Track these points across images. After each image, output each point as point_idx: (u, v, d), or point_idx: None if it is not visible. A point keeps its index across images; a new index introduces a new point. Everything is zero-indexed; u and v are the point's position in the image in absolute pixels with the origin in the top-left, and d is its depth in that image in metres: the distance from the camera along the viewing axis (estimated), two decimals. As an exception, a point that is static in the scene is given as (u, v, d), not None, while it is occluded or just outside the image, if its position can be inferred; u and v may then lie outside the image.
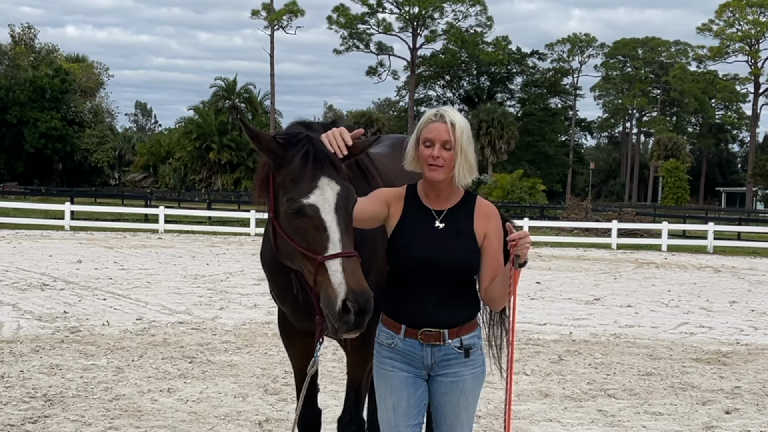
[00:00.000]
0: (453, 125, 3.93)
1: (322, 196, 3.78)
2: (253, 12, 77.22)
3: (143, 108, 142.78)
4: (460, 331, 4.03)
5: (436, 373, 4.05)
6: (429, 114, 4.03)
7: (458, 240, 4.00)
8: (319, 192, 3.79)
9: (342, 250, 3.70)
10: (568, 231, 39.53)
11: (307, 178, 3.81)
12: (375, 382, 4.19)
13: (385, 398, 4.11)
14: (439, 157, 3.92)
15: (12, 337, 11.13)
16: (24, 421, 7.35)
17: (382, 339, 4.10)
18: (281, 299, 4.80)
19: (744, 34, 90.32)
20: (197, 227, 35.99)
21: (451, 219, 4.04)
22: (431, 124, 3.97)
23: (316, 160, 3.83)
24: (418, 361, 4.03)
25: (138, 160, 79.50)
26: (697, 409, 8.54)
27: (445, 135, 3.92)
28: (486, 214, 4.10)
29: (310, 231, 3.77)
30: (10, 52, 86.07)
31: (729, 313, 16.01)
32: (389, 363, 4.08)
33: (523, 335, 12.50)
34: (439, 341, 3.99)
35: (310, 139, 3.91)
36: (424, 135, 3.97)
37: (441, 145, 3.92)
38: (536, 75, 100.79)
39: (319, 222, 3.75)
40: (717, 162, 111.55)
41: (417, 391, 4.08)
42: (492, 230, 4.09)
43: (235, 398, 8.40)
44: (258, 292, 15.97)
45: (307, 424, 5.22)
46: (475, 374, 4.12)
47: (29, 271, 18.60)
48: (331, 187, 3.81)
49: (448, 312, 3.99)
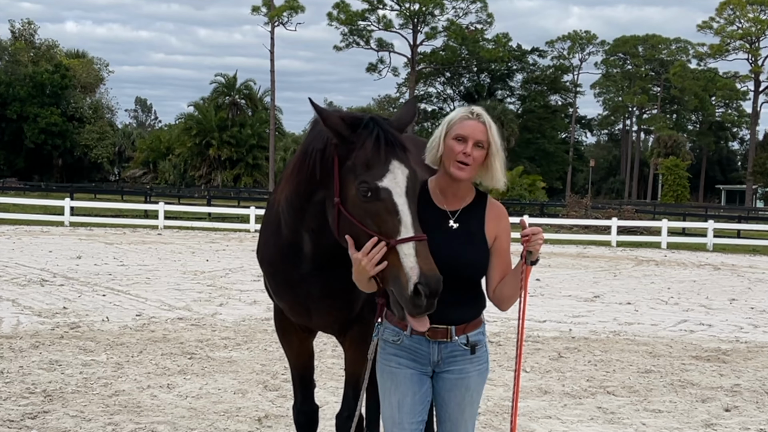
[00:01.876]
0: (490, 127, 3.91)
1: (394, 179, 3.76)
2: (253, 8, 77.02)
3: (143, 104, 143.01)
4: (466, 328, 4.02)
5: (442, 369, 4.04)
6: (463, 110, 3.97)
7: (472, 243, 3.98)
8: (392, 176, 3.77)
9: (414, 233, 3.68)
10: (568, 228, 39.56)
11: (381, 161, 3.78)
12: (379, 379, 4.16)
13: (390, 395, 4.08)
14: (470, 155, 3.87)
15: (11, 332, 11.12)
16: (23, 416, 7.35)
17: (388, 336, 4.07)
18: (278, 295, 4.78)
19: (744, 31, 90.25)
20: (197, 223, 36.02)
21: (465, 219, 4.01)
22: (467, 121, 3.92)
23: (387, 144, 3.80)
24: (424, 358, 4.02)
25: (138, 156, 79.62)
26: (696, 407, 8.54)
27: (481, 134, 3.89)
28: (497, 215, 4.09)
29: (382, 214, 3.74)
30: (10, 48, 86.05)
31: (728, 311, 16.01)
32: (395, 360, 4.05)
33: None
34: (446, 338, 3.98)
35: (378, 122, 3.87)
36: (458, 130, 3.91)
37: (474, 143, 3.88)
38: (536, 72, 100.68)
39: (392, 206, 3.73)
40: (717, 160, 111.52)
41: (422, 388, 4.06)
42: (502, 231, 4.08)
43: (235, 394, 8.40)
44: (257, 289, 15.96)
45: (305, 420, 5.22)
46: (480, 371, 4.11)
47: (29, 267, 18.60)
48: (401, 171, 3.79)
49: (456, 310, 3.97)
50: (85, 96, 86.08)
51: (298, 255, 4.43)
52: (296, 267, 4.46)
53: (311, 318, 4.65)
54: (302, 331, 4.99)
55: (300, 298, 4.58)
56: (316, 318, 4.63)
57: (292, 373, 5.25)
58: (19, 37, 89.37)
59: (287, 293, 4.66)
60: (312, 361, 5.30)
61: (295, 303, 4.64)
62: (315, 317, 4.63)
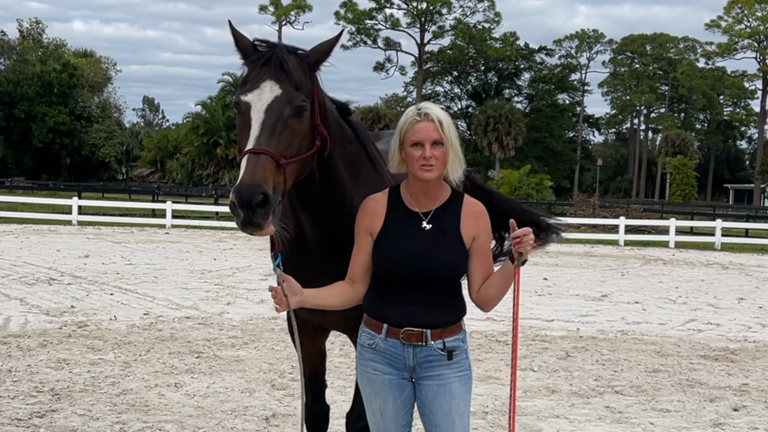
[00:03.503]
0: (441, 122, 3.81)
1: (259, 95, 3.72)
2: (261, 7, 77.28)
3: (151, 103, 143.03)
4: (443, 333, 3.90)
5: (420, 376, 3.93)
6: (411, 114, 3.87)
7: (445, 242, 3.88)
8: (258, 92, 3.73)
9: (253, 146, 3.60)
10: (576, 227, 39.49)
11: (254, 78, 3.78)
12: (360, 384, 4.10)
13: (371, 401, 4.03)
14: (432, 157, 3.79)
15: (19, 331, 11.15)
16: (31, 415, 7.36)
17: (364, 340, 4.00)
18: None
19: (753, 30, 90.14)
20: (204, 222, 36.03)
21: (438, 219, 3.92)
22: (417, 125, 3.82)
23: (266, 63, 3.78)
24: (400, 362, 3.92)
25: (145, 155, 79.68)
26: (704, 406, 8.52)
27: (435, 134, 3.80)
28: (475, 213, 3.97)
29: (242, 128, 3.74)
30: (18, 47, 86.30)
31: (737, 310, 15.97)
32: (371, 365, 3.97)
33: (530, 331, 12.48)
34: (421, 341, 3.87)
35: (275, 45, 3.87)
36: (411, 137, 3.82)
37: (431, 144, 3.79)
38: (544, 71, 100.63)
39: (248, 119, 3.71)
40: (725, 159, 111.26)
41: (403, 393, 3.98)
42: (482, 230, 3.96)
43: (242, 393, 8.40)
44: (265, 287, 15.94)
45: (315, 420, 5.21)
46: (462, 378, 3.96)
47: (37, 266, 18.63)
48: (270, 89, 3.73)
49: (432, 313, 3.88)
50: (93, 95, 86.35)
51: (304, 243, 4.41)
52: (306, 256, 4.44)
53: (326, 313, 4.62)
54: (315, 330, 4.97)
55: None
56: (330, 313, 4.60)
57: (303, 374, 5.23)
58: (27, 37, 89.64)
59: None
60: (324, 362, 5.29)
61: None
62: (329, 312, 4.59)
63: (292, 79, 3.78)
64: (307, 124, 3.84)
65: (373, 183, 4.32)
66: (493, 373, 9.60)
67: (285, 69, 3.77)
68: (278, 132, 3.68)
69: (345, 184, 4.26)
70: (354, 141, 4.41)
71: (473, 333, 11.87)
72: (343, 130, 4.31)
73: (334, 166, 4.16)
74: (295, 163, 3.76)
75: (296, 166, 3.79)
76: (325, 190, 4.18)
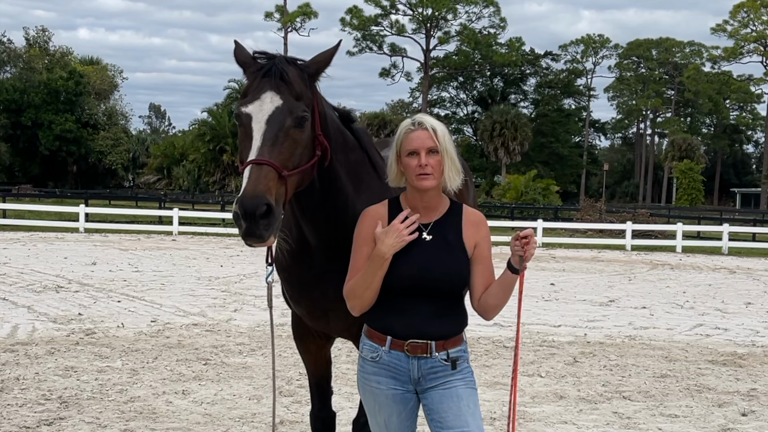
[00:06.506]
0: (435, 130, 3.82)
1: (260, 106, 3.74)
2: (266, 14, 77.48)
3: (157, 110, 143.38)
4: (446, 344, 3.89)
5: (424, 387, 3.90)
6: (405, 125, 3.90)
7: (448, 251, 3.89)
8: (259, 103, 3.75)
9: (256, 157, 3.62)
10: (582, 232, 39.45)
11: (255, 89, 3.80)
12: (362, 398, 4.08)
13: (375, 414, 4.01)
14: (427, 165, 3.79)
15: (27, 339, 11.17)
16: (39, 423, 7.37)
17: (366, 353, 3.97)
18: (295, 300, 4.76)
19: (759, 34, 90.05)
20: (211, 229, 36.03)
21: (439, 230, 3.92)
22: (411, 134, 3.84)
23: (266, 75, 3.80)
24: (404, 375, 3.89)
25: (152, 162, 79.68)
26: (713, 411, 8.49)
27: (429, 141, 3.81)
28: (475, 222, 3.99)
29: (243, 140, 3.76)
30: (24, 55, 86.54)
31: (744, 315, 15.93)
32: (374, 379, 3.94)
33: (538, 337, 12.47)
34: (426, 353, 3.86)
35: (274, 57, 3.89)
36: (406, 147, 3.84)
37: (426, 153, 3.80)
38: (550, 76, 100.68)
39: (249, 131, 3.72)
40: (731, 163, 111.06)
41: (407, 406, 3.96)
42: (482, 238, 3.98)
43: (250, 400, 8.41)
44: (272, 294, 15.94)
45: (322, 426, 5.21)
46: (467, 383, 3.94)
47: (44, 273, 18.67)
48: (271, 100, 3.75)
49: (436, 325, 3.87)
50: (100, 102, 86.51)
51: (306, 251, 4.41)
52: (308, 264, 4.45)
53: (329, 321, 4.61)
54: (320, 338, 4.98)
55: (317, 301, 4.56)
56: (334, 321, 4.59)
57: (310, 380, 5.23)
58: (33, 45, 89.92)
59: (303, 297, 4.64)
60: (330, 368, 5.29)
61: (313, 307, 4.62)
62: (333, 320, 4.59)
63: (292, 89, 3.80)
64: (308, 134, 3.86)
65: (376, 190, 4.32)
66: (500, 379, 9.59)
67: (285, 80, 3.79)
68: (280, 142, 3.70)
69: (347, 192, 4.26)
70: (357, 149, 4.41)
71: (480, 339, 11.86)
72: (345, 138, 4.32)
73: (336, 174, 4.17)
74: (297, 175, 3.79)
75: (297, 177, 3.81)
76: (326, 198, 4.18)
